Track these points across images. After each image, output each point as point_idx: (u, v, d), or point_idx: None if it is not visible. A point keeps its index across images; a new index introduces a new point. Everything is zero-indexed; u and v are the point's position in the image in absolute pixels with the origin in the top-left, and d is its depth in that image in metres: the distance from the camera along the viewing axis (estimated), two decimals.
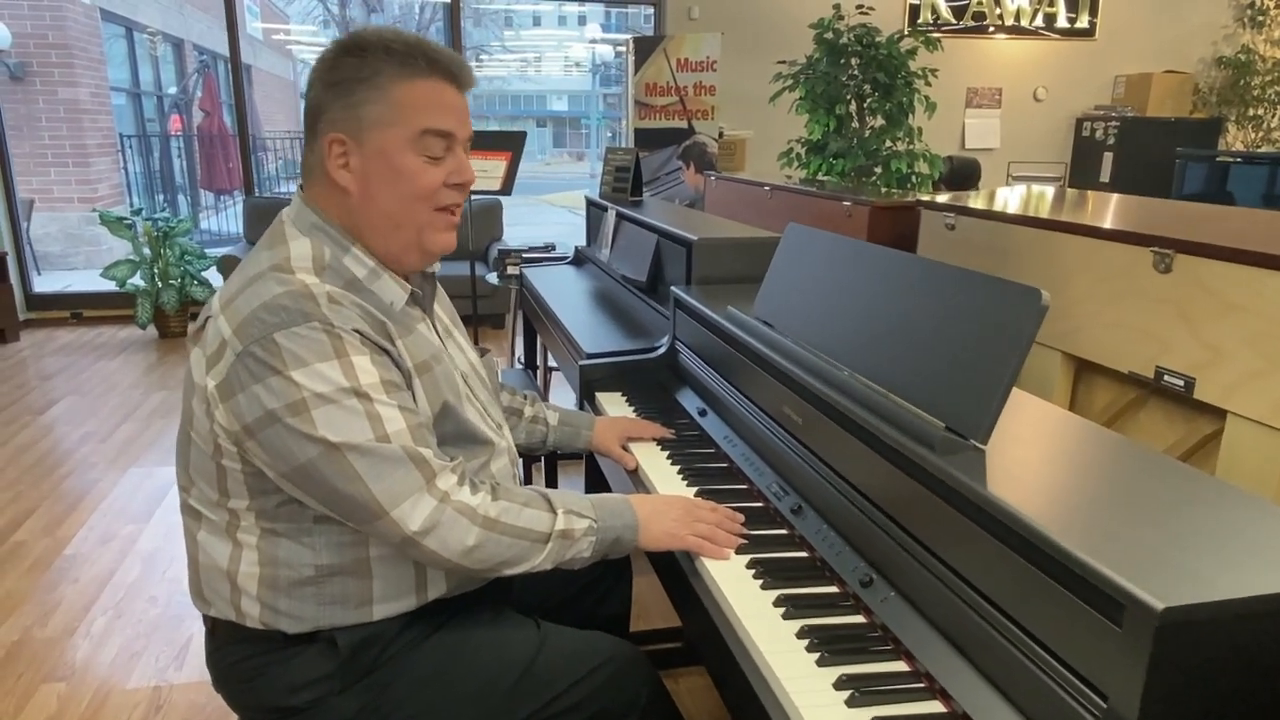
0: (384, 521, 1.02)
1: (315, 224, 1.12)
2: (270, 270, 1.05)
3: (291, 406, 0.99)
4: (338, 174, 1.10)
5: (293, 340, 1.00)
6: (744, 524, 1.24)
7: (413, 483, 1.02)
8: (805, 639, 0.99)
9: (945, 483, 0.95)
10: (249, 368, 1.00)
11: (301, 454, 1.00)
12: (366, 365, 1.03)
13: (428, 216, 1.13)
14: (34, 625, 2.32)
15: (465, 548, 1.05)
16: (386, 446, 1.01)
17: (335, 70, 1.09)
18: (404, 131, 1.09)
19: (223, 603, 1.11)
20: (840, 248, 1.41)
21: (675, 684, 2.11)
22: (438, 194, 1.13)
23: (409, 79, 1.08)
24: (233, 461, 1.06)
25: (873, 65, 4.75)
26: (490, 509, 1.07)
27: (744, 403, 1.54)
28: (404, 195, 1.11)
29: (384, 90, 1.08)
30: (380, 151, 1.09)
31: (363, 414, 1.01)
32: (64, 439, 3.68)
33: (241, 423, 1.01)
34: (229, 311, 1.04)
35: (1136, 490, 0.90)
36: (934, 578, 0.96)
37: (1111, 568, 0.72)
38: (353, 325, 1.03)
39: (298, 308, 1.01)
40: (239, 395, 1.01)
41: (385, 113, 1.08)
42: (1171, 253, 1.44)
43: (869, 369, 1.21)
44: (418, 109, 1.09)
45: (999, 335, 1.00)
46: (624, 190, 3.10)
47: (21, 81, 7.70)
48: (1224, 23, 6.76)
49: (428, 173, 1.11)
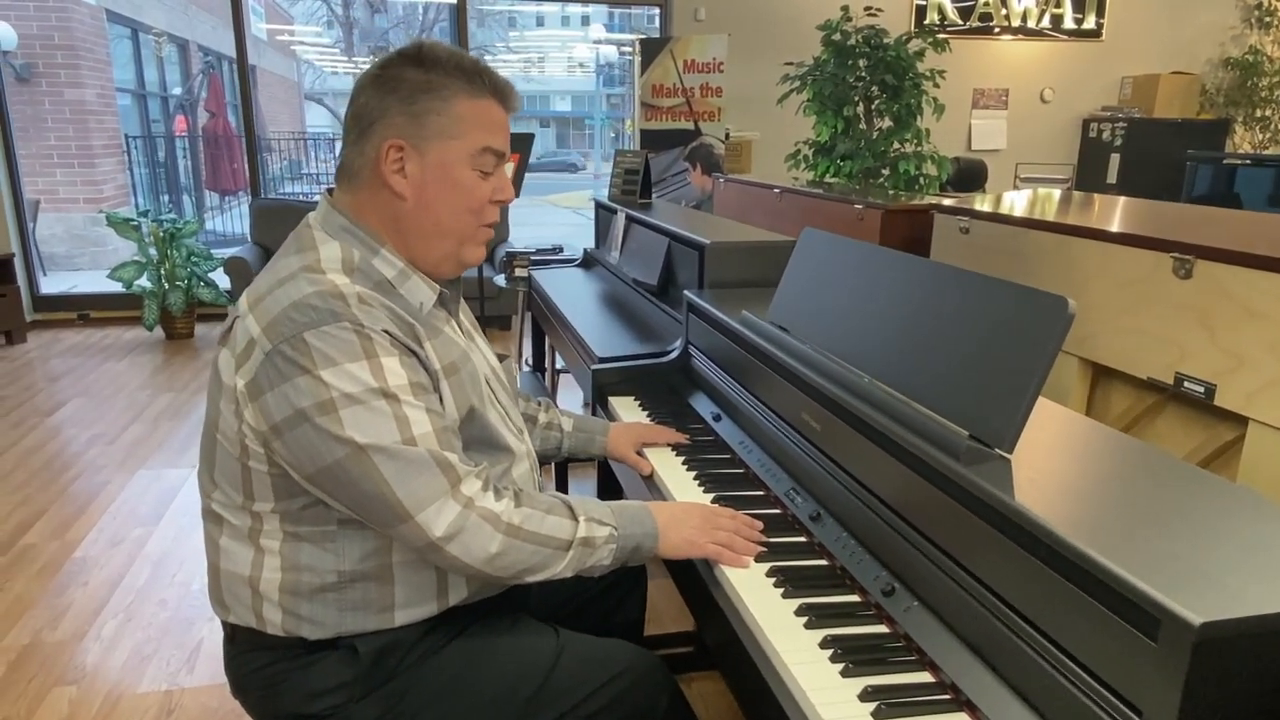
0: (408, 526, 1.01)
1: (344, 226, 1.12)
2: (301, 271, 1.06)
3: (320, 406, 0.99)
4: (392, 179, 1.11)
5: (322, 339, 1.00)
6: (762, 531, 1.24)
7: (438, 487, 1.02)
8: (829, 649, 0.99)
9: (971, 492, 0.94)
10: (278, 366, 1.00)
11: (329, 454, 0.99)
12: (395, 367, 1.03)
13: (472, 230, 1.17)
14: (44, 628, 2.31)
15: (488, 555, 1.04)
16: (413, 450, 1.01)
17: (399, 78, 1.11)
18: (466, 146, 1.12)
19: (243, 609, 1.10)
20: (858, 253, 1.40)
21: (688, 688, 2.10)
22: (485, 209, 1.17)
23: (474, 97, 1.12)
24: (259, 463, 1.05)
25: (881, 67, 4.74)
26: (514, 516, 1.07)
27: (760, 408, 1.53)
28: (457, 207, 1.15)
29: (449, 104, 1.11)
30: (441, 162, 1.12)
31: (390, 416, 1.01)
32: (72, 441, 3.68)
33: (270, 422, 1.01)
34: (258, 311, 1.04)
35: (1164, 500, 0.89)
36: (958, 587, 0.95)
37: (1146, 581, 0.72)
38: (382, 326, 1.04)
39: (327, 307, 1.01)
40: (268, 394, 1.01)
41: (449, 125, 1.11)
42: (1192, 258, 1.43)
43: (889, 376, 1.20)
44: (480, 126, 1.13)
45: (1024, 343, 0.99)
46: (633, 193, 3.10)
47: (27, 83, 7.72)
48: (1231, 23, 6.74)
49: (481, 187, 1.15)
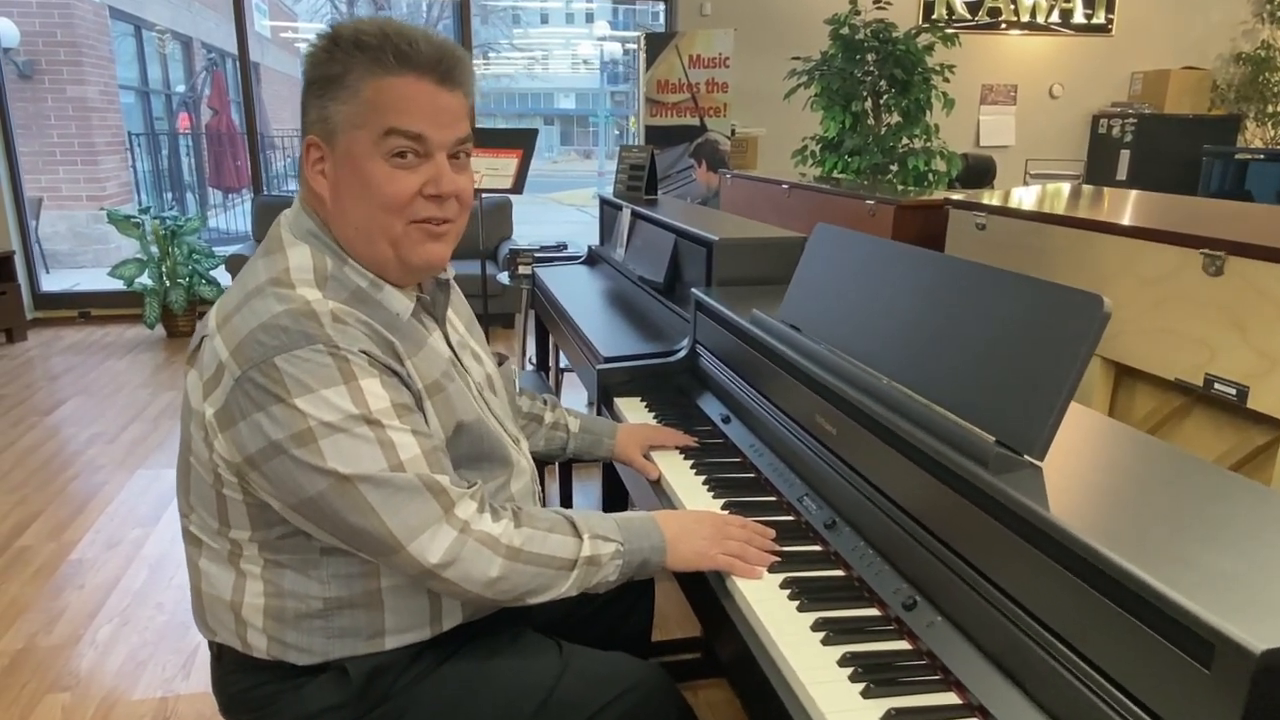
0: (401, 556, 0.96)
1: (312, 230, 1.04)
2: (269, 284, 0.98)
3: (297, 437, 0.92)
4: (315, 180, 1.03)
5: (295, 365, 0.92)
6: (775, 540, 1.18)
7: (430, 513, 0.96)
8: (848, 667, 0.93)
9: (1000, 502, 0.89)
10: (249, 394, 0.93)
11: (310, 487, 0.93)
12: (376, 389, 0.96)
13: (401, 229, 1.02)
14: (39, 633, 2.27)
15: (488, 579, 0.99)
16: (401, 476, 0.95)
17: (314, 67, 1.00)
18: (369, 133, 0.98)
19: (227, 632, 1.05)
20: (874, 249, 1.35)
21: (694, 696, 2.05)
22: (411, 206, 1.01)
23: (378, 75, 0.98)
24: (234, 492, 0.99)
25: (889, 61, 4.67)
26: (514, 537, 1.01)
27: (771, 410, 1.48)
28: (370, 206, 1.00)
29: (354, 89, 0.98)
30: (348, 155, 1.00)
31: (375, 442, 0.94)
32: (71, 440, 3.64)
33: (244, 454, 0.94)
34: (226, 331, 0.97)
35: (1208, 512, 0.84)
36: (986, 602, 0.90)
37: (1199, 603, 0.66)
38: (359, 346, 0.96)
39: (299, 329, 0.94)
40: (240, 424, 0.94)
41: (355, 113, 0.98)
42: (1223, 254, 1.37)
43: (909, 378, 1.15)
44: (386, 107, 0.98)
45: (1055, 344, 0.93)
46: (638, 189, 3.05)
47: (30, 80, 7.69)
48: (1243, 18, 6.66)
49: (396, 180, 1.00)
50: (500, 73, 27.00)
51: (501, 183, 3.59)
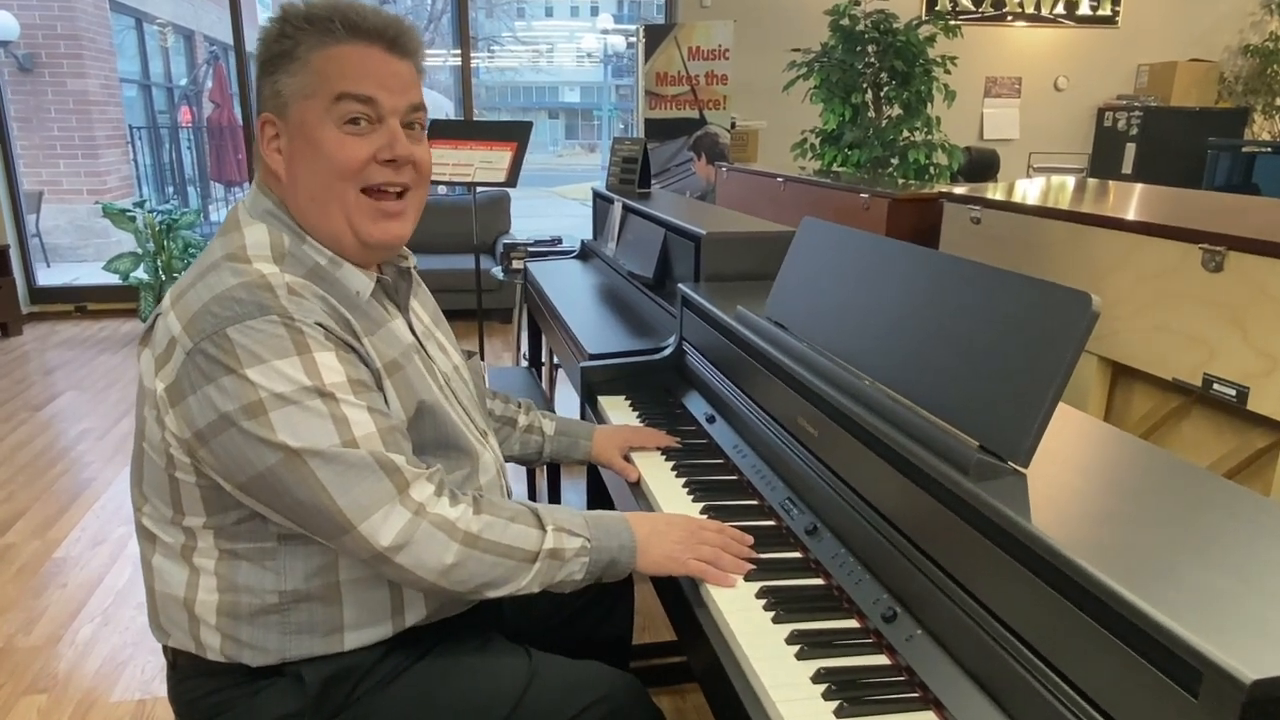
0: (351, 536, 0.92)
1: (269, 209, 1.03)
2: (224, 259, 0.96)
3: (247, 409, 0.89)
4: (271, 157, 1.02)
5: (247, 335, 0.90)
6: (754, 546, 1.14)
7: (383, 493, 0.92)
8: (821, 684, 0.89)
9: (981, 512, 0.84)
10: (200, 367, 0.90)
11: (259, 461, 0.90)
12: (331, 362, 0.93)
13: (354, 198, 1.01)
14: (18, 633, 2.24)
15: (443, 566, 0.95)
16: (354, 452, 0.91)
17: (266, 47, 1.00)
18: (320, 101, 0.98)
19: (181, 633, 1.01)
20: (861, 244, 1.30)
21: (683, 700, 2.01)
22: (364, 171, 1.00)
23: (328, 45, 0.98)
24: (186, 474, 0.96)
25: (890, 53, 4.61)
26: (472, 524, 0.97)
27: (755, 410, 1.43)
28: (323, 172, 0.99)
29: (304, 61, 0.98)
30: (300, 125, 0.99)
31: (327, 416, 0.91)
32: (61, 436, 3.61)
33: (193, 428, 0.91)
34: (179, 307, 0.95)
35: (1201, 523, 0.79)
36: (967, 616, 0.85)
37: (1186, 626, 0.62)
38: (315, 319, 0.94)
39: (253, 299, 0.91)
40: (189, 398, 0.91)
41: (305, 83, 0.98)
42: (1223, 250, 1.32)
43: (892, 378, 1.10)
44: (336, 75, 0.98)
45: (1042, 344, 0.89)
46: (631, 182, 3.00)
47: (30, 73, 7.66)
48: (1251, 10, 6.57)
49: (347, 145, 0.99)
50: (504, 66, 26.92)
51: (495, 176, 3.55)
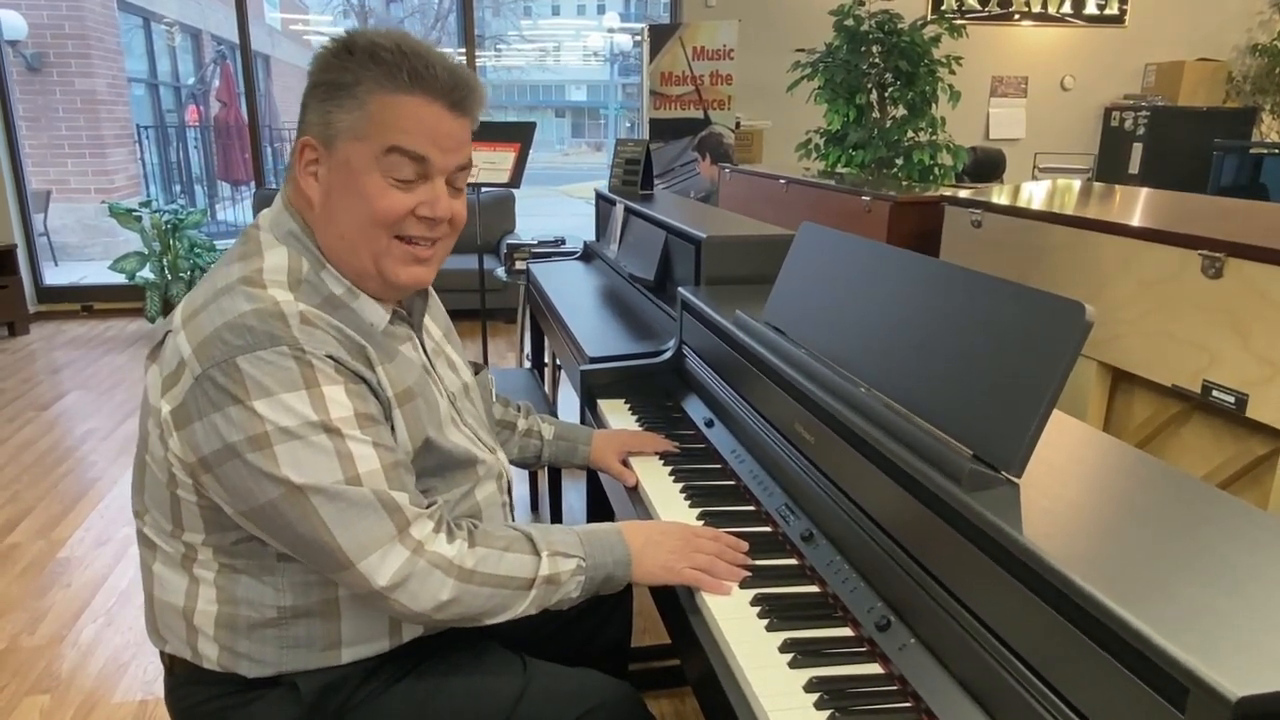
0: (349, 573, 0.92)
1: (293, 232, 1.01)
2: (239, 283, 0.95)
3: (253, 440, 0.89)
4: (306, 181, 1.00)
5: (257, 366, 0.90)
6: (749, 552, 1.14)
7: (383, 532, 0.93)
8: (814, 693, 0.89)
9: (973, 523, 0.84)
10: (208, 394, 0.90)
11: (261, 494, 0.90)
12: (339, 396, 0.92)
13: (385, 243, 1.00)
14: (22, 633, 2.25)
15: (439, 602, 0.95)
16: (356, 490, 0.91)
17: (323, 70, 0.98)
18: (371, 147, 0.96)
19: (178, 641, 1.02)
20: (858, 250, 1.30)
21: (683, 704, 2.01)
22: (401, 223, 1.00)
23: (390, 92, 0.96)
24: (188, 494, 0.96)
25: (895, 53, 4.60)
26: (467, 559, 0.97)
27: (753, 415, 1.43)
28: (360, 215, 0.98)
29: (361, 100, 0.96)
30: (345, 164, 0.97)
31: (332, 452, 0.91)
32: (66, 436, 3.63)
33: (198, 454, 0.92)
34: (190, 327, 0.94)
35: (1196, 536, 0.78)
36: (959, 627, 0.85)
37: (1174, 641, 0.61)
38: (326, 350, 0.93)
39: (265, 329, 0.91)
40: (196, 424, 0.91)
41: (358, 124, 0.96)
42: (1223, 256, 1.31)
43: (887, 385, 1.10)
44: (393, 126, 0.96)
45: (1036, 353, 0.88)
46: (634, 183, 3.00)
47: (38, 72, 7.69)
48: (1259, 9, 6.53)
49: (389, 197, 0.98)
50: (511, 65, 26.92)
51: (499, 177, 3.55)
